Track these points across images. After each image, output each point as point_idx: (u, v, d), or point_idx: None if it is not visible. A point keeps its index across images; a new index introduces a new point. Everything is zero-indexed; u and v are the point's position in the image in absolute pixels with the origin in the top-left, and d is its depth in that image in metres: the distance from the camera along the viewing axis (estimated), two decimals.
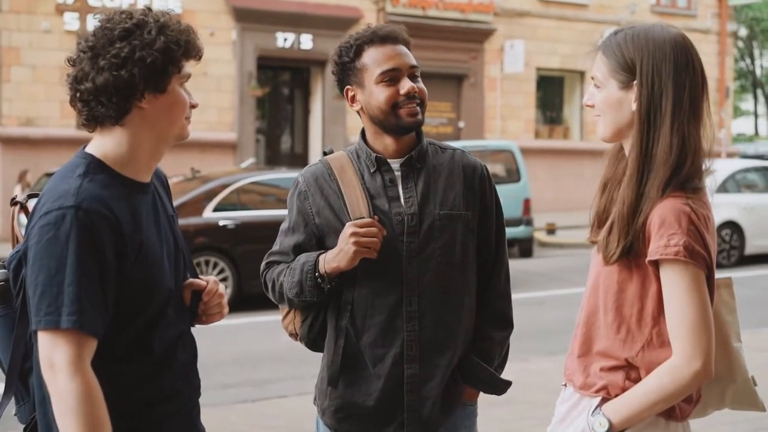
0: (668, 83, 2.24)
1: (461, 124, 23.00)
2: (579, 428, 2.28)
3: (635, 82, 2.26)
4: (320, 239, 2.77)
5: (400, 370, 2.71)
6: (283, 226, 2.85)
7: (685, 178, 2.23)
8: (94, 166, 2.20)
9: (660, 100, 2.24)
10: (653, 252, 2.19)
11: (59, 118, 18.35)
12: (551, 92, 25.23)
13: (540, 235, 18.17)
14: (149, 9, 2.26)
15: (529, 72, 23.66)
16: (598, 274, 2.35)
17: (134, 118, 2.22)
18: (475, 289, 2.83)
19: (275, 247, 2.87)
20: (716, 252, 2.27)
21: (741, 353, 2.41)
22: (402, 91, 2.70)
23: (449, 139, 19.65)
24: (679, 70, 2.26)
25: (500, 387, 2.86)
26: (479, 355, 2.80)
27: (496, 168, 15.56)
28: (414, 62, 2.76)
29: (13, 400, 2.29)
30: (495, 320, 2.85)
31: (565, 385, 2.42)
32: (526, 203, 15.55)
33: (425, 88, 2.77)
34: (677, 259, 2.16)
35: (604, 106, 2.34)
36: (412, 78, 2.74)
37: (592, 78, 2.37)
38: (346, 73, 2.78)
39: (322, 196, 2.76)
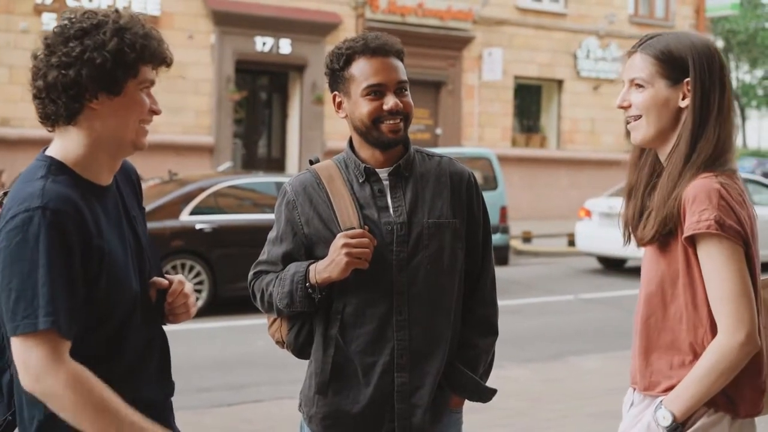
0: (716, 81, 2.37)
1: (438, 131, 23.05)
2: (644, 424, 2.35)
3: (687, 79, 2.37)
4: (309, 248, 2.75)
5: (390, 379, 2.70)
6: (271, 235, 2.83)
7: (715, 162, 2.34)
8: (55, 168, 2.18)
9: (710, 97, 2.37)
10: (687, 228, 2.27)
11: (35, 118, 18.19)
12: (528, 100, 25.30)
13: (516, 243, 18.23)
14: (117, 10, 2.22)
15: (507, 80, 23.74)
16: (649, 275, 2.42)
17: (86, 119, 2.19)
18: (462, 296, 2.83)
19: (263, 257, 2.84)
20: (755, 229, 2.33)
21: None
22: (386, 107, 2.68)
23: (426, 146, 19.61)
24: (724, 71, 2.40)
25: (485, 395, 2.85)
26: (464, 363, 2.80)
27: None
28: (402, 77, 2.73)
29: None
30: (480, 327, 2.86)
31: (633, 389, 2.48)
32: (503, 211, 15.57)
33: (411, 102, 2.74)
34: (710, 232, 2.23)
35: (649, 105, 2.41)
36: (399, 92, 2.71)
37: (631, 81, 2.44)
38: (335, 79, 2.77)
39: (311, 205, 2.74)
